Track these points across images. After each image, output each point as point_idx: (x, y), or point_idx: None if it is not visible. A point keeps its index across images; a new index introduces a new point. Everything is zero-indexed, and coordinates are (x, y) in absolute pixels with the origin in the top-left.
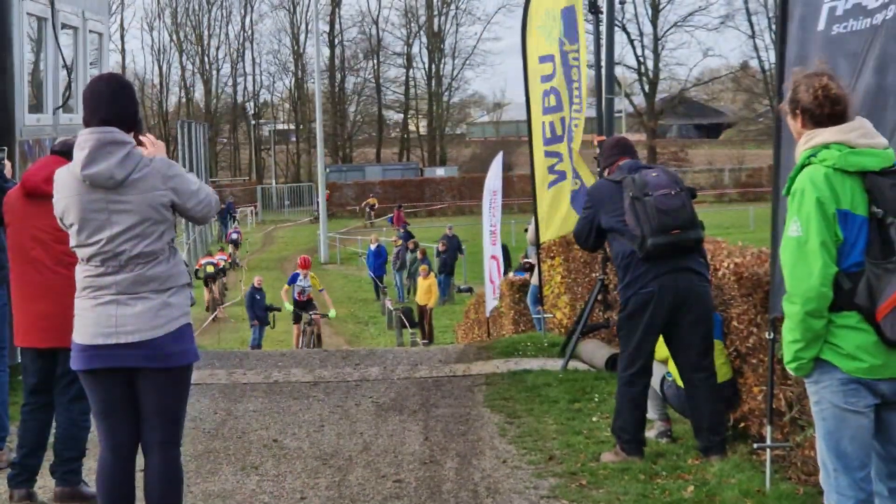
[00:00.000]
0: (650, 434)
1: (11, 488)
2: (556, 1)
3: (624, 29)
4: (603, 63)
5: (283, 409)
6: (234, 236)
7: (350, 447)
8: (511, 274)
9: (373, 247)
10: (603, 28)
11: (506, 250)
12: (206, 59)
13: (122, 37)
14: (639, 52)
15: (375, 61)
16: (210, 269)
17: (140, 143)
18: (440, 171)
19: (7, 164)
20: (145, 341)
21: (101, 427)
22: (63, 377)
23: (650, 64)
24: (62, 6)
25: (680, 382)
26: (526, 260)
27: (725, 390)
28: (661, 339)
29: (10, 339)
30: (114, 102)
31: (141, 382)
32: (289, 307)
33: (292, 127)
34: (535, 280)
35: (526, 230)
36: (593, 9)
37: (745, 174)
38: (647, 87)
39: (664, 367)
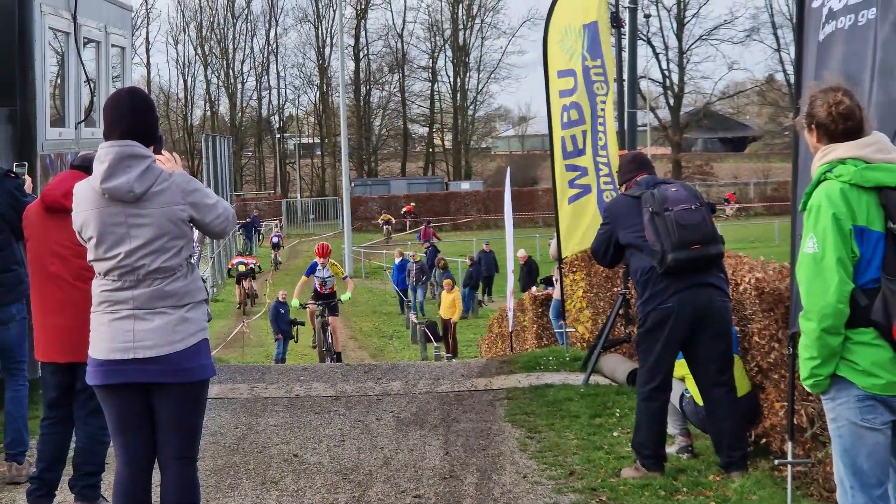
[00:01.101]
0: (671, 449)
1: (31, 502)
2: (578, 16)
3: (649, 42)
4: (626, 77)
5: (304, 424)
6: (276, 239)
7: (370, 462)
8: (533, 288)
9: (397, 260)
10: (625, 42)
11: (533, 264)
12: (230, 72)
13: (147, 50)
14: (664, 65)
15: (400, 75)
16: (242, 268)
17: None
18: (465, 185)
19: (28, 179)
20: (162, 356)
21: (117, 442)
22: (82, 392)
23: (675, 77)
24: (84, 20)
25: (699, 400)
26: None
27: (744, 404)
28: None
29: (29, 354)
30: (134, 116)
31: (157, 397)
32: (296, 304)
33: (317, 140)
34: (557, 294)
35: (549, 244)
36: (615, 22)
37: (770, 188)
38: (672, 101)
39: (682, 384)
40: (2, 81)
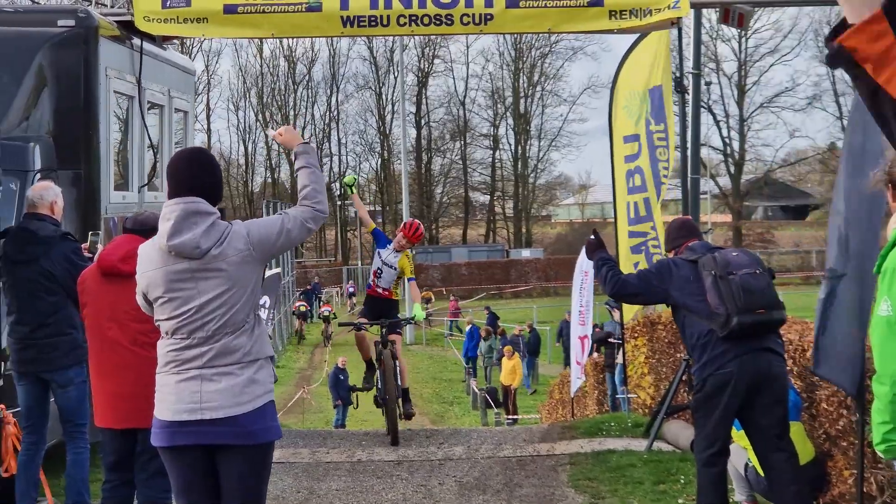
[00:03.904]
0: None
1: None
2: (642, 81)
3: (710, 110)
4: (689, 144)
5: (366, 489)
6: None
7: None
8: (595, 354)
9: (467, 328)
10: (689, 109)
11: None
12: None
13: (207, 116)
14: (724, 133)
15: (462, 142)
16: (303, 308)
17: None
18: (526, 253)
19: (101, 248)
20: (229, 418)
21: None
22: (142, 454)
23: (736, 145)
24: (148, 84)
25: (761, 470)
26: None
27: (809, 471)
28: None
29: (91, 416)
30: (198, 174)
31: (222, 459)
32: (350, 180)
33: (378, 208)
34: (620, 359)
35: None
36: (679, 88)
37: None
38: (732, 169)
39: (745, 451)
40: (67, 144)
